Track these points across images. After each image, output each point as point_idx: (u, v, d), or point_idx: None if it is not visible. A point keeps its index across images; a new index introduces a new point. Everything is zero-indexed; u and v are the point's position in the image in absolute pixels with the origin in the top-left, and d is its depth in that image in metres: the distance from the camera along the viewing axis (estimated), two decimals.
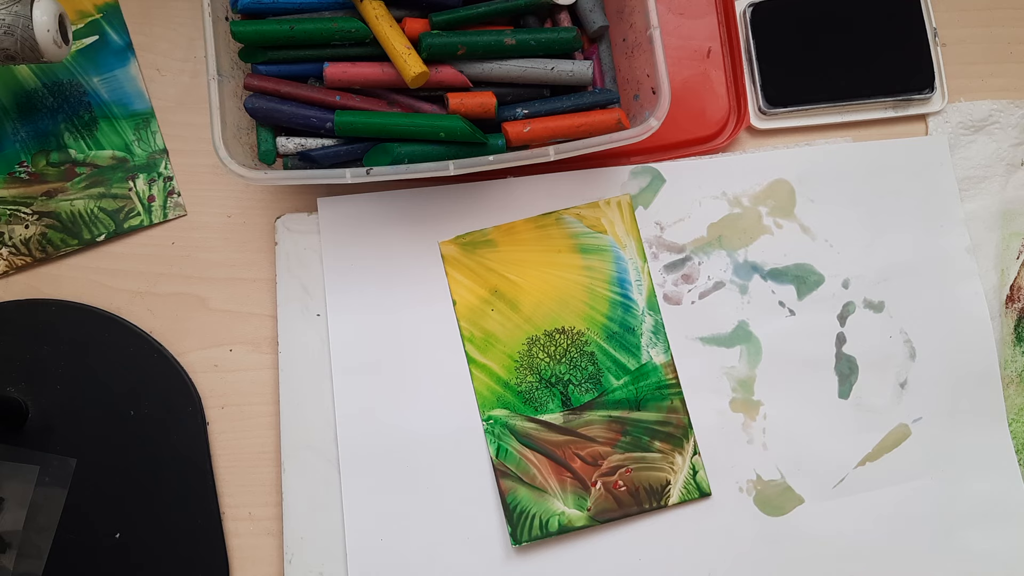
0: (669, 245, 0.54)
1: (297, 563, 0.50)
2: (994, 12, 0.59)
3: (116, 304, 0.54)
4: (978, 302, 0.54)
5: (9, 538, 0.50)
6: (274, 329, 0.53)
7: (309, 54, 0.51)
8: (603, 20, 0.54)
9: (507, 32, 0.51)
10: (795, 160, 0.56)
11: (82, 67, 0.56)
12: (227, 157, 0.47)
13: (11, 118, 0.55)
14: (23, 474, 0.50)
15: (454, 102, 0.50)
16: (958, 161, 0.56)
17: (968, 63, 0.58)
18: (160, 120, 0.56)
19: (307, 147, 0.52)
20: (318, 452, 0.51)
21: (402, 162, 0.49)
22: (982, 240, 0.56)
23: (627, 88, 0.54)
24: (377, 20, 0.49)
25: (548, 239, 0.54)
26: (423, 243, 0.54)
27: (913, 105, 0.57)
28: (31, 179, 0.55)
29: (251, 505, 0.52)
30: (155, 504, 0.51)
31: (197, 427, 0.52)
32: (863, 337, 0.54)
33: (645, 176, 0.55)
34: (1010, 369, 0.54)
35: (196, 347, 0.53)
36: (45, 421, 0.51)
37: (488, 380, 0.52)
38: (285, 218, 0.54)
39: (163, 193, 0.55)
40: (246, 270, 0.55)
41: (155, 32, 0.57)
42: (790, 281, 0.54)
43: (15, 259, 0.54)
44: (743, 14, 0.57)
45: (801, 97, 0.56)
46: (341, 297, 0.53)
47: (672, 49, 0.57)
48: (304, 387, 0.52)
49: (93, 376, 0.52)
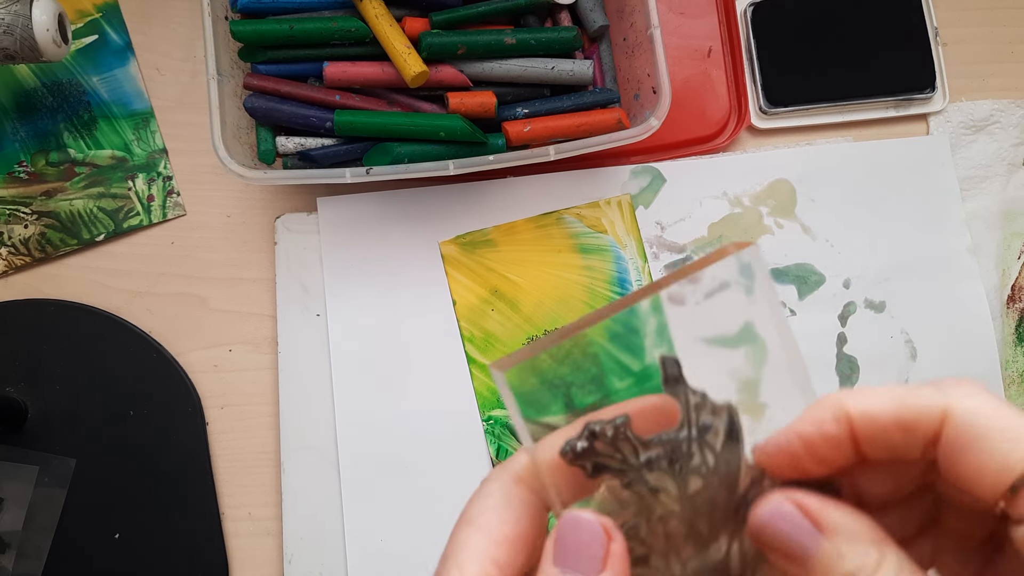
0: (670, 245, 0.54)
1: (297, 563, 0.50)
2: (995, 12, 0.59)
3: (116, 304, 0.54)
4: (979, 302, 0.54)
5: (8, 538, 0.50)
6: (274, 329, 0.53)
7: (309, 53, 0.50)
8: (603, 19, 0.54)
9: (507, 31, 0.50)
10: (796, 160, 0.56)
11: (81, 67, 0.56)
12: (227, 157, 0.47)
13: (10, 118, 0.55)
14: (23, 474, 0.50)
15: (454, 102, 0.50)
16: (959, 161, 0.56)
17: (969, 63, 0.58)
18: (160, 120, 0.56)
19: (307, 147, 0.52)
20: (318, 452, 0.51)
21: (402, 162, 0.49)
22: (983, 240, 0.55)
23: (627, 88, 0.53)
24: (377, 19, 0.49)
25: (548, 239, 0.54)
26: (423, 243, 0.54)
27: (914, 105, 0.57)
28: (30, 179, 0.55)
29: (251, 505, 0.52)
30: (155, 504, 0.51)
31: (197, 427, 0.52)
32: (864, 337, 0.54)
33: (645, 176, 0.55)
34: (1011, 369, 0.54)
35: (196, 347, 0.53)
36: (44, 421, 0.51)
37: (488, 380, 0.52)
38: (285, 218, 0.54)
39: (162, 193, 0.55)
40: (246, 270, 0.54)
41: (155, 32, 0.56)
42: (791, 281, 0.54)
43: (14, 259, 0.54)
44: (744, 13, 0.57)
45: (802, 97, 0.56)
46: (341, 297, 0.53)
47: (673, 48, 0.56)
48: (304, 387, 0.52)
49: (93, 376, 0.52)
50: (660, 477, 0.24)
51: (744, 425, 0.25)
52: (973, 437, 0.21)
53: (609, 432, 0.24)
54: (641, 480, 0.24)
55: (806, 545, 0.23)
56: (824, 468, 0.24)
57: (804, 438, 0.23)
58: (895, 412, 0.22)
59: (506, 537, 0.25)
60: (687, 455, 0.25)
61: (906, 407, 0.22)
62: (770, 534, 0.23)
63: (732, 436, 0.25)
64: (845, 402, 0.23)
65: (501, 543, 0.24)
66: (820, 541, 0.22)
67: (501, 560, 0.24)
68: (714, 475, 0.25)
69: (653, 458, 0.24)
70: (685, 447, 0.25)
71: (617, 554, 0.24)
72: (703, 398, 0.25)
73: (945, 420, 0.21)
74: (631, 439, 0.24)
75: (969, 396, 0.21)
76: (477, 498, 0.26)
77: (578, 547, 0.23)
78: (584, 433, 0.24)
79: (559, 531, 0.24)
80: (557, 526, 0.24)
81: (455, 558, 0.24)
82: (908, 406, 0.22)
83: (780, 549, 0.23)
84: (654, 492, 0.24)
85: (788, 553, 0.23)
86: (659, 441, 0.25)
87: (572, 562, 0.23)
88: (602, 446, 0.24)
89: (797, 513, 0.23)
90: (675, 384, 0.26)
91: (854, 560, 0.22)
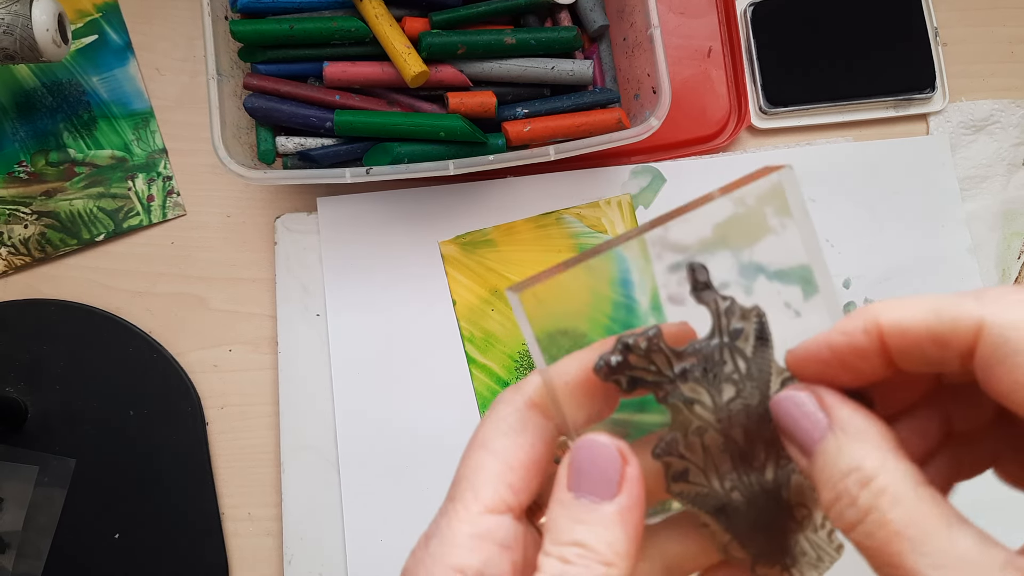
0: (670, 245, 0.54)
1: (297, 563, 0.50)
2: (995, 12, 0.59)
3: (115, 304, 0.54)
4: None
5: (8, 538, 0.50)
6: (274, 329, 0.53)
7: (309, 53, 0.50)
8: (603, 19, 0.54)
9: (507, 31, 0.50)
10: (796, 160, 0.56)
11: (81, 66, 0.56)
12: (226, 157, 0.47)
13: (10, 118, 0.55)
14: (22, 474, 0.50)
15: (454, 101, 0.50)
16: (959, 161, 0.56)
17: (969, 63, 0.58)
18: (159, 120, 0.56)
19: (307, 147, 0.52)
20: (318, 452, 0.51)
21: (402, 162, 0.49)
22: (983, 240, 0.55)
23: (627, 87, 0.53)
24: (377, 19, 0.49)
25: (548, 239, 0.54)
26: (423, 243, 0.54)
27: (914, 105, 0.57)
28: (30, 179, 0.55)
29: (251, 505, 0.52)
30: (155, 504, 0.51)
31: (196, 427, 0.52)
32: None
33: (646, 176, 0.55)
34: None
35: (195, 347, 0.53)
36: (44, 421, 0.51)
37: (488, 380, 0.52)
38: (285, 218, 0.54)
39: (162, 193, 0.55)
40: (245, 270, 0.54)
41: (154, 31, 0.56)
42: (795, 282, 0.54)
43: (14, 259, 0.54)
44: (744, 13, 0.57)
45: (802, 96, 0.56)
46: (341, 297, 0.53)
47: (673, 48, 0.56)
48: (304, 387, 0.52)
49: (92, 376, 0.52)
50: (694, 388, 0.24)
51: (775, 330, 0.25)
52: (1009, 352, 0.20)
53: (643, 344, 0.24)
54: (677, 392, 0.24)
55: (813, 435, 0.22)
56: (856, 378, 0.23)
57: (834, 347, 0.23)
58: (928, 325, 0.21)
59: (520, 462, 0.24)
60: (719, 363, 0.24)
61: (940, 320, 0.21)
62: (783, 419, 0.23)
63: (762, 339, 0.25)
64: (879, 314, 0.22)
65: (516, 468, 0.24)
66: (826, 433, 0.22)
67: (516, 485, 0.24)
68: (746, 381, 0.24)
69: (688, 368, 0.24)
70: (717, 354, 0.24)
71: (633, 478, 0.23)
72: (732, 303, 0.25)
73: (980, 333, 0.20)
74: (664, 350, 0.24)
75: (1009, 308, 0.20)
76: (490, 421, 0.25)
77: (592, 471, 0.23)
78: (618, 347, 0.24)
79: (574, 455, 0.24)
80: (571, 450, 0.24)
81: (470, 481, 0.24)
82: (943, 319, 0.21)
83: (790, 435, 0.23)
84: (689, 404, 0.24)
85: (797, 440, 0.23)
86: (692, 351, 0.24)
87: (587, 485, 0.23)
88: (636, 359, 0.24)
89: (811, 402, 0.23)
90: (703, 290, 0.26)
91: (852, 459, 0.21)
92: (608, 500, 0.23)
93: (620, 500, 0.23)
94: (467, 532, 0.23)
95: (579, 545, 0.22)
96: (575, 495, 0.23)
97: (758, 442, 0.24)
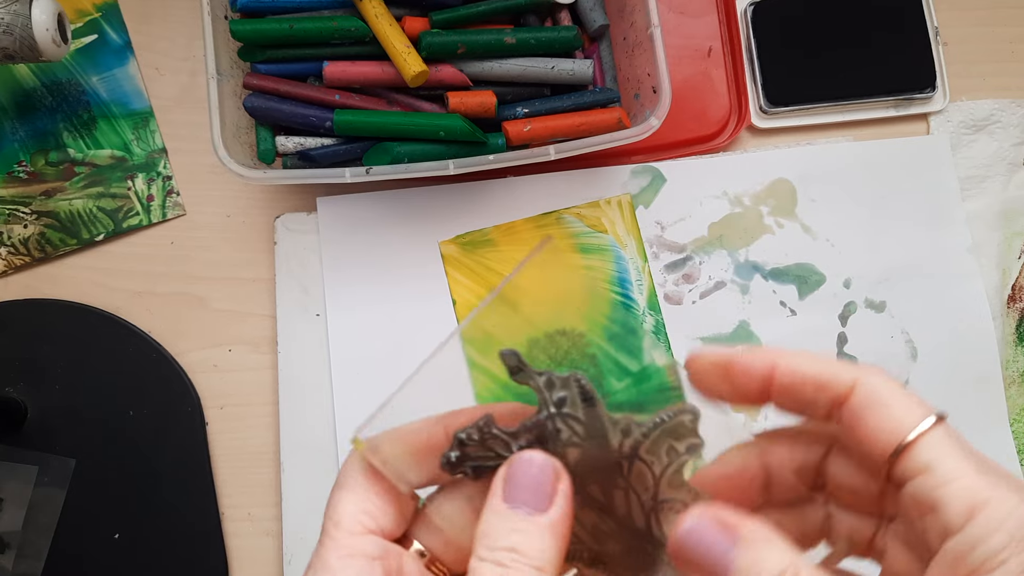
0: (670, 245, 0.54)
1: (297, 563, 0.50)
2: (996, 11, 0.58)
3: (115, 304, 0.54)
4: (979, 302, 0.54)
5: (8, 538, 0.50)
6: (273, 329, 0.53)
7: (308, 53, 0.50)
8: (603, 19, 0.54)
9: (507, 31, 0.50)
10: (796, 159, 0.55)
11: (81, 66, 0.56)
12: (226, 156, 0.47)
13: (10, 117, 0.55)
14: (22, 474, 0.50)
15: (454, 101, 0.50)
16: (959, 160, 0.56)
17: (970, 62, 0.58)
18: (159, 119, 0.56)
19: (306, 146, 0.52)
20: (318, 452, 0.51)
21: (402, 161, 0.49)
22: (983, 240, 0.55)
23: (628, 87, 0.53)
24: (377, 19, 0.49)
25: None
26: (423, 243, 0.54)
27: (914, 104, 0.57)
28: (30, 178, 0.55)
29: (251, 505, 0.52)
30: (154, 504, 0.51)
31: (196, 427, 0.52)
32: (864, 337, 0.54)
33: (646, 175, 0.55)
34: (1011, 369, 0.54)
35: (195, 347, 0.53)
36: (44, 421, 0.51)
37: (488, 382, 0.52)
38: (284, 218, 0.54)
39: (162, 192, 0.55)
40: (245, 270, 0.54)
41: (154, 31, 0.56)
42: (791, 281, 0.54)
43: (14, 259, 0.54)
44: (744, 13, 0.57)
45: (802, 96, 0.56)
46: (340, 297, 0.53)
47: (673, 48, 0.56)
48: (303, 387, 0.52)
49: (92, 376, 0.52)
50: None
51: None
52: (876, 402, 0.24)
53: (475, 435, 0.26)
54: None
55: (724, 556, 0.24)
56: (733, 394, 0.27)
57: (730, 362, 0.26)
58: (816, 371, 0.25)
59: (376, 492, 0.27)
60: (555, 431, 0.26)
61: (826, 370, 0.25)
62: (689, 550, 0.24)
63: (588, 400, 0.27)
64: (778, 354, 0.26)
65: (372, 498, 0.27)
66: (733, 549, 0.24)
67: (374, 512, 0.26)
68: (587, 441, 0.26)
69: (524, 445, 0.26)
70: (551, 425, 0.26)
71: (565, 492, 0.25)
72: (548, 376, 0.27)
73: (855, 386, 0.25)
74: (499, 434, 0.26)
75: (878, 375, 0.25)
76: (346, 465, 0.28)
77: (527, 483, 0.25)
78: (454, 444, 0.26)
79: (511, 470, 0.26)
80: (508, 465, 0.26)
81: (331, 517, 0.27)
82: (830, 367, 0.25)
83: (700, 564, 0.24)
84: None
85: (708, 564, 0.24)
86: (525, 428, 0.26)
87: (523, 497, 0.25)
88: (474, 449, 0.26)
89: (710, 527, 0.24)
90: (519, 373, 0.28)
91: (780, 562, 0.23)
92: (542, 512, 0.25)
93: (552, 513, 0.25)
94: (335, 555, 0.26)
95: (514, 551, 0.24)
96: (509, 506, 0.25)
97: (615, 491, 0.26)
